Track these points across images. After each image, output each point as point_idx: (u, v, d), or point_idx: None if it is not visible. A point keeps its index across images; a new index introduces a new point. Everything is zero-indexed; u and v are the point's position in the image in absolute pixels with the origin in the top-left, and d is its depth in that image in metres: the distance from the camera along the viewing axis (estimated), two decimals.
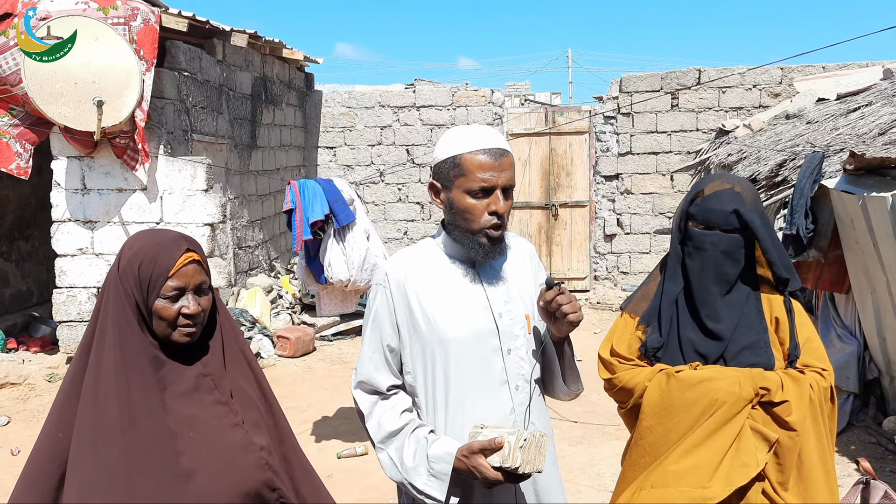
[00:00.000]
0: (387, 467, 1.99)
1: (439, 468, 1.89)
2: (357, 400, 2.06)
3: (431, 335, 1.99)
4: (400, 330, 2.02)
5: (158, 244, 1.65)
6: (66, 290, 6.76)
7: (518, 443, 1.80)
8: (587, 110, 10.73)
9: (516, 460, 1.79)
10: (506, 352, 2.02)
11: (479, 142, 1.97)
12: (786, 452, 2.09)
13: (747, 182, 2.29)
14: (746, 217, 2.15)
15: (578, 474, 4.64)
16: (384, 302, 2.03)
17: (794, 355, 2.17)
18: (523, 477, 1.84)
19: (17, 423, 5.77)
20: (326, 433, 5.50)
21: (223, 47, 8.24)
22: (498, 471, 1.82)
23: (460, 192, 1.97)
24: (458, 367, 1.99)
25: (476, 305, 2.02)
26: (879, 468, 4.47)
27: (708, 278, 2.20)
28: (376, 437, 2.00)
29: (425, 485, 1.91)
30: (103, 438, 1.54)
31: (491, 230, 1.97)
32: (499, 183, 1.95)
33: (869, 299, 5.01)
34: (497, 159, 1.95)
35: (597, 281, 10.71)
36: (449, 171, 1.99)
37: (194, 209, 6.71)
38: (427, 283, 2.03)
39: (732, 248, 2.18)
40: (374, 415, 2.02)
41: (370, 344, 2.05)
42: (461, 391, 1.99)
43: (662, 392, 2.17)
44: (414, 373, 2.03)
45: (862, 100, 7.37)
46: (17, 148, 6.26)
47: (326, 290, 5.33)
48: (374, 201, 10.85)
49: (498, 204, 1.95)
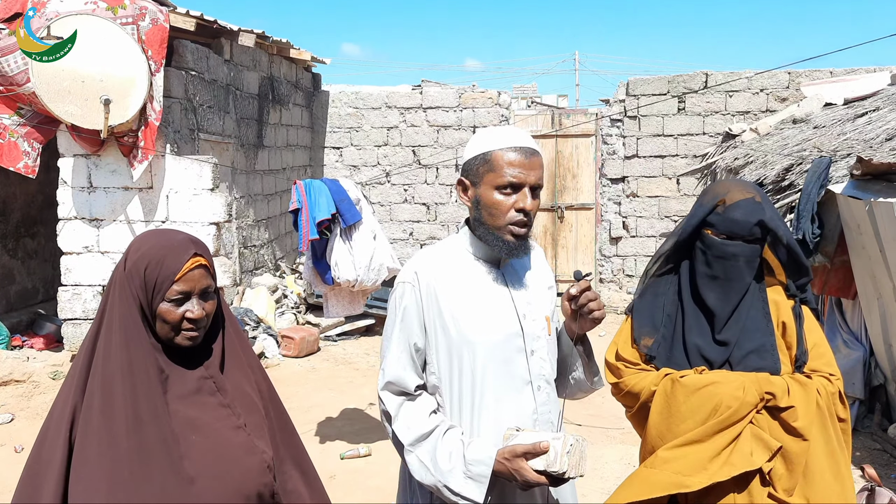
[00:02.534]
0: (416, 469, 1.97)
1: (478, 470, 1.89)
2: (384, 401, 2.05)
3: (459, 336, 1.99)
4: (427, 330, 2.02)
5: (166, 247, 1.65)
6: (71, 288, 6.77)
7: (565, 448, 1.82)
8: (594, 113, 10.72)
9: (563, 465, 1.81)
10: (529, 353, 2.03)
11: (511, 140, 1.99)
12: (793, 458, 2.08)
13: (759, 188, 2.31)
14: (770, 225, 2.17)
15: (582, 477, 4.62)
16: (414, 301, 2.02)
17: (801, 360, 2.17)
18: (565, 480, 1.86)
19: (21, 420, 5.78)
20: (330, 434, 5.49)
21: (231, 47, 8.26)
22: (540, 474, 1.83)
23: (489, 187, 1.98)
24: (484, 368, 1.99)
25: (502, 307, 2.03)
26: (885, 474, 4.46)
27: (728, 288, 2.20)
28: (406, 440, 1.98)
29: (462, 487, 1.91)
30: (109, 439, 1.54)
31: (516, 227, 1.97)
32: (528, 181, 1.96)
33: (875, 305, 4.99)
34: (528, 157, 1.97)
35: (602, 284, 10.69)
36: (479, 168, 2.00)
37: (200, 208, 6.72)
38: (454, 284, 2.03)
39: (753, 257, 2.21)
40: (400, 416, 2.01)
41: (398, 343, 2.04)
42: (487, 392, 2.00)
43: (668, 397, 2.18)
44: (439, 373, 2.03)
45: (869, 105, 7.34)
46: (24, 147, 6.27)
47: (334, 290, 5.32)
48: (380, 202, 10.85)
49: (525, 201, 1.96)
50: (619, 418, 5.69)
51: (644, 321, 2.32)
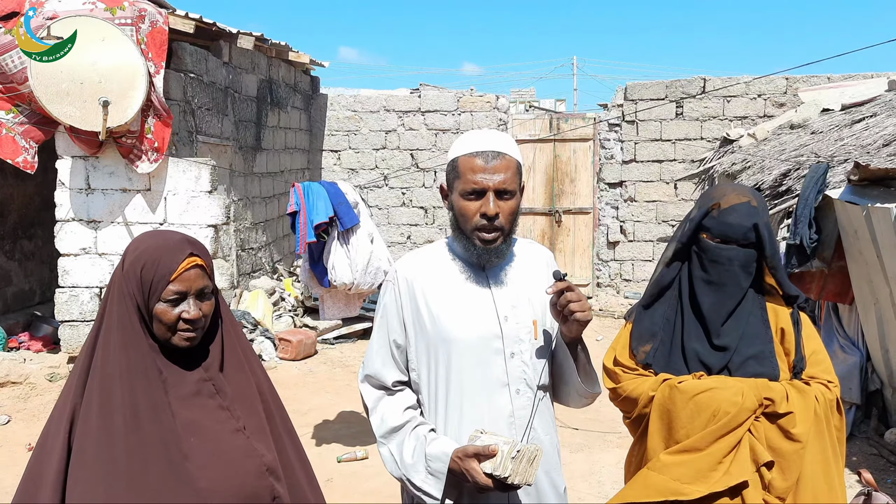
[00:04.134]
0: (387, 462, 2.04)
1: (436, 467, 1.93)
2: (363, 393, 2.11)
3: (435, 334, 2.02)
4: (406, 327, 2.06)
5: (162, 247, 1.64)
6: (68, 290, 6.76)
7: (511, 453, 1.82)
8: (592, 117, 10.74)
9: (506, 470, 1.81)
10: (508, 355, 2.02)
11: (473, 145, 2.00)
12: (789, 465, 2.08)
13: (757, 193, 2.29)
14: (762, 232, 2.16)
15: (579, 481, 4.62)
16: (393, 298, 2.09)
17: (798, 367, 2.16)
18: (513, 487, 1.85)
19: (18, 422, 5.77)
20: (327, 437, 5.49)
21: (229, 49, 8.26)
22: (489, 478, 1.83)
23: (457, 194, 2.01)
24: (459, 368, 2.01)
25: (481, 307, 2.03)
26: (881, 480, 4.46)
27: (723, 293, 2.20)
28: (379, 432, 2.05)
29: (423, 482, 1.95)
30: (107, 439, 1.54)
31: (482, 232, 1.98)
32: (489, 185, 1.95)
33: (872, 310, 5.00)
34: (488, 161, 1.96)
35: (599, 288, 10.70)
36: (449, 174, 2.05)
37: (198, 210, 6.71)
38: (435, 283, 2.06)
39: (748, 261, 2.19)
40: (378, 409, 2.06)
41: (378, 339, 2.10)
42: (461, 391, 2.01)
43: (666, 403, 2.17)
44: (419, 370, 2.07)
45: (867, 111, 7.37)
46: (22, 143, 6.27)
47: (330, 293, 5.32)
48: (378, 205, 10.86)
49: (488, 206, 1.95)
50: (616, 423, 5.69)
51: (643, 327, 2.31)
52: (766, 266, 2.23)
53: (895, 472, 4.66)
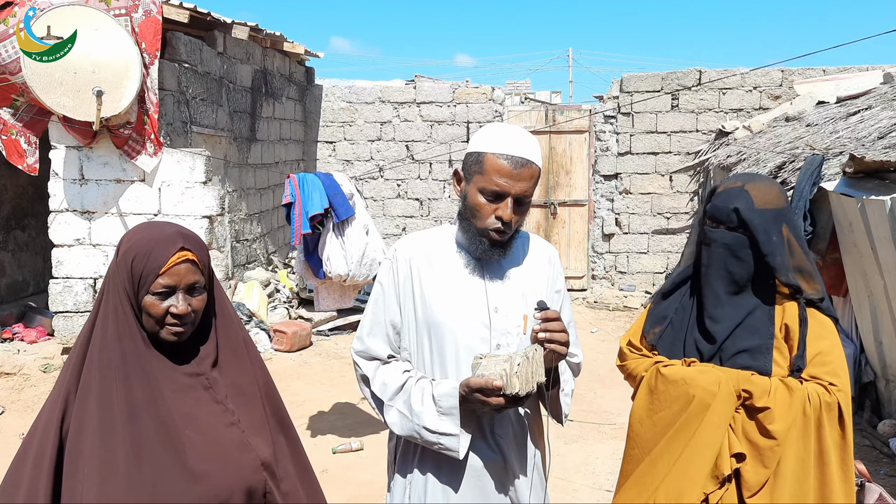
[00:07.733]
0: (396, 422, 2.04)
1: (447, 403, 1.95)
2: (360, 365, 2.14)
3: (426, 315, 2.06)
4: (402, 306, 2.09)
5: (154, 239, 1.63)
6: (62, 281, 6.74)
7: (513, 369, 1.87)
8: (587, 109, 10.73)
9: (514, 387, 1.86)
10: (494, 346, 2.04)
11: (506, 146, 1.99)
12: (764, 461, 2.06)
13: (768, 183, 2.24)
14: (745, 216, 2.13)
15: (574, 473, 4.64)
16: (390, 277, 2.11)
17: (797, 365, 2.11)
18: (526, 396, 1.90)
19: (12, 412, 5.76)
20: (322, 428, 5.49)
21: (224, 39, 8.22)
22: (501, 397, 1.88)
23: (475, 188, 2.01)
24: (444, 351, 2.04)
25: (473, 296, 2.05)
26: (874, 471, 4.48)
27: (712, 275, 2.21)
28: (384, 396, 2.06)
29: (437, 424, 1.96)
30: (105, 429, 1.54)
31: (493, 233, 2.00)
32: (511, 191, 1.96)
33: (866, 302, 5.02)
34: (516, 167, 1.96)
35: (594, 280, 10.71)
36: (472, 165, 2.03)
37: (192, 201, 6.70)
38: (431, 266, 2.08)
39: (736, 246, 2.16)
40: (377, 377, 2.09)
41: (373, 315, 2.13)
42: (445, 375, 2.04)
43: (650, 386, 2.24)
44: (409, 349, 2.10)
45: (862, 103, 7.37)
46: (24, 145, 6.27)
47: (325, 284, 5.32)
48: (373, 197, 10.84)
49: (505, 211, 1.97)
50: (610, 414, 5.71)
51: (656, 312, 2.36)
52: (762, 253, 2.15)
53: (888, 463, 4.69)
